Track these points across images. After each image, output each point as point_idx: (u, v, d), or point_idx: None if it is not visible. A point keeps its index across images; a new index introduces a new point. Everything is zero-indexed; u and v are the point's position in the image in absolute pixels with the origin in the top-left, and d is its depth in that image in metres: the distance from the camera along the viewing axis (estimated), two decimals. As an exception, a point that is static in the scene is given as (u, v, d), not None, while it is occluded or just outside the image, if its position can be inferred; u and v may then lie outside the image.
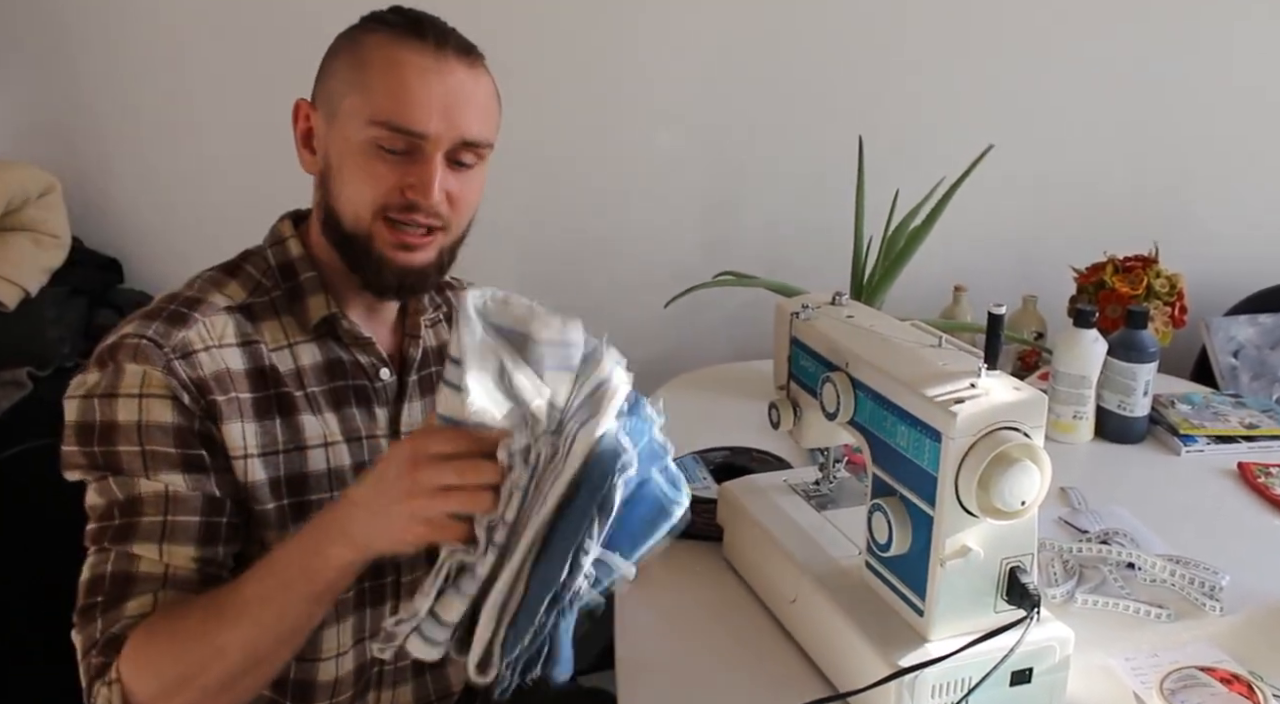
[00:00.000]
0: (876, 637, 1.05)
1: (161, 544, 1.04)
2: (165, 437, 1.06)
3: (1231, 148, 2.44)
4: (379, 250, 1.14)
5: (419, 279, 1.18)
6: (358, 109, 1.11)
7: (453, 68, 1.12)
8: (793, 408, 1.28)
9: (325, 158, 1.16)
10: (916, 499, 1.04)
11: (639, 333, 2.48)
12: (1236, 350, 2.14)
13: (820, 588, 1.14)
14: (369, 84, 1.11)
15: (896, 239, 1.99)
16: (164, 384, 1.06)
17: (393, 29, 1.13)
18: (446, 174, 1.13)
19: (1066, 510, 1.52)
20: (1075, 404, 1.75)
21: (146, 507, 1.05)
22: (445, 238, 1.17)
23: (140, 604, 1.02)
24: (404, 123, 1.09)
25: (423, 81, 1.10)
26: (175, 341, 1.08)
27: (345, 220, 1.14)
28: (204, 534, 1.06)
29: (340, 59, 1.15)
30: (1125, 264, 2.09)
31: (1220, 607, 1.26)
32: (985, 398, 0.99)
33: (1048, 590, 1.28)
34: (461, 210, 1.17)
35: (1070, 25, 2.35)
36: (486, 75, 1.17)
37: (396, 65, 1.10)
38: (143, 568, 1.04)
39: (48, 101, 2.29)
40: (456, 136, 1.12)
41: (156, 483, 1.05)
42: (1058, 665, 1.06)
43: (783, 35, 2.34)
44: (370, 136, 1.10)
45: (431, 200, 1.12)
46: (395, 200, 1.12)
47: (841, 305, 1.26)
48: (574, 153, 2.37)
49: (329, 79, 1.16)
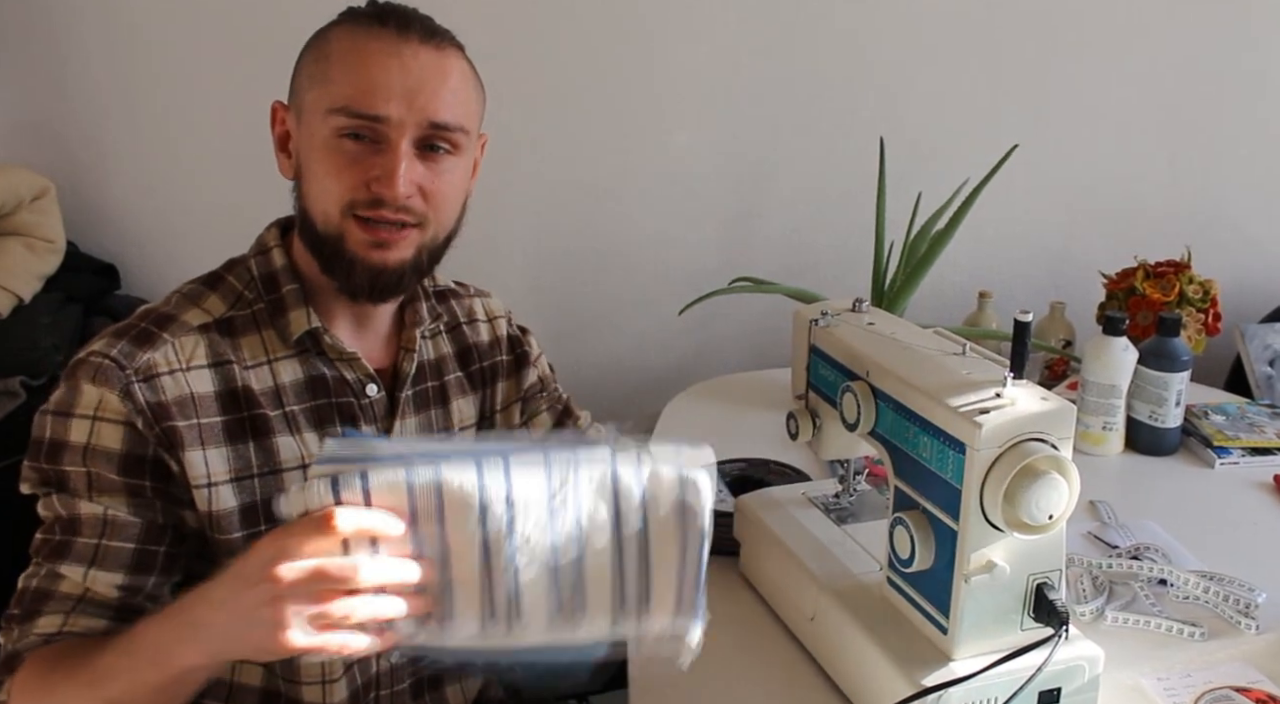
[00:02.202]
0: (899, 655, 1.05)
1: (89, 569, 1.06)
2: (110, 464, 1.07)
3: (1267, 149, 2.44)
4: (350, 250, 1.12)
5: (394, 280, 1.15)
6: (320, 101, 1.11)
7: (415, 50, 1.10)
8: (811, 418, 1.28)
9: (297, 159, 1.16)
10: (940, 513, 1.04)
11: (653, 340, 2.49)
12: (1273, 359, 2.14)
13: (840, 605, 1.14)
14: (330, 75, 1.10)
15: (919, 244, 1.99)
16: (119, 410, 1.06)
17: (356, 19, 1.13)
18: (415, 164, 1.11)
19: (1096, 525, 1.52)
20: (1105, 415, 1.75)
21: (84, 528, 1.06)
22: (423, 235, 1.15)
23: (49, 622, 1.04)
24: (361, 107, 1.08)
25: (382, 64, 1.09)
26: (139, 363, 1.08)
27: (317, 221, 1.13)
28: (136, 562, 1.07)
29: (307, 56, 1.15)
30: (1157, 269, 2.09)
31: (1256, 625, 1.26)
32: (1011, 408, 0.99)
33: (1076, 607, 1.28)
34: (438, 204, 1.14)
35: (1098, 22, 2.35)
36: (459, 59, 1.16)
37: (356, 52, 1.10)
38: (63, 588, 1.06)
39: (41, 102, 2.30)
40: (422, 120, 1.10)
41: (96, 506, 1.06)
42: (1087, 685, 1.06)
43: (801, 36, 2.34)
44: (332, 127, 1.09)
45: (396, 191, 1.09)
46: (361, 196, 1.10)
47: (862, 312, 1.27)
48: (588, 156, 2.38)
49: (298, 78, 1.16)
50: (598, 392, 2.56)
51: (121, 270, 2.37)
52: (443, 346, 1.32)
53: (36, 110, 2.32)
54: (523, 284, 2.38)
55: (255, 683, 1.18)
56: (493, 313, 1.40)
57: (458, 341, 1.34)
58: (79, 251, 2.30)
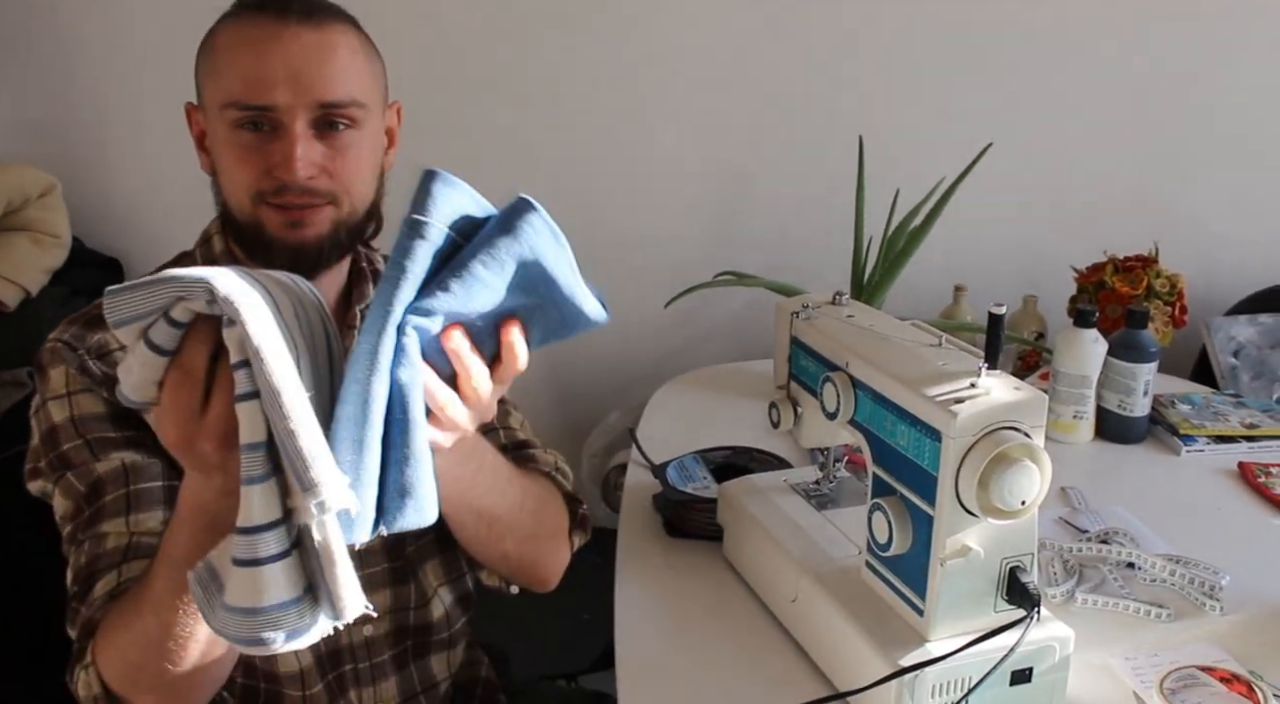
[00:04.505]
0: (877, 636, 1.05)
1: (128, 516, 1.04)
2: (102, 424, 1.07)
3: (1232, 148, 2.44)
4: (269, 233, 1.11)
5: (313, 255, 1.13)
6: (214, 97, 1.10)
7: (295, 33, 1.07)
8: (793, 407, 1.28)
9: (211, 154, 1.15)
10: (916, 499, 1.04)
11: (640, 333, 2.48)
12: (1237, 350, 2.14)
13: (820, 587, 1.14)
14: (219, 69, 1.10)
15: (897, 239, 1.99)
16: (82, 381, 1.07)
17: (238, 11, 1.11)
18: (314, 145, 1.09)
19: (1067, 510, 1.52)
20: (1075, 404, 1.75)
21: (108, 487, 1.05)
22: (338, 211, 1.13)
23: (107, 582, 1.02)
24: (250, 98, 1.07)
25: (261, 54, 1.07)
26: (90, 343, 1.09)
27: (234, 213, 1.13)
28: (168, 496, 1.06)
29: (200, 53, 1.14)
30: (1125, 264, 2.09)
31: (1220, 606, 1.26)
32: (985, 398, 0.99)
33: (1048, 590, 1.28)
34: (346, 180, 1.12)
35: (1070, 24, 2.35)
36: (344, 33, 1.12)
37: (239, 44, 1.09)
38: (109, 545, 1.04)
39: (48, 103, 2.29)
40: (311, 101, 1.08)
41: (110, 462, 1.06)
42: (1058, 665, 1.06)
43: (784, 35, 2.34)
44: (229, 121, 1.09)
45: (296, 175, 1.07)
46: (266, 183, 1.09)
47: (842, 305, 1.26)
48: (574, 153, 2.38)
49: (197, 76, 1.15)
50: (587, 381, 2.56)
51: (124, 264, 2.36)
52: None
53: (43, 111, 2.31)
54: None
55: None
56: None
57: None
58: (84, 246, 2.30)
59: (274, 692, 1.20)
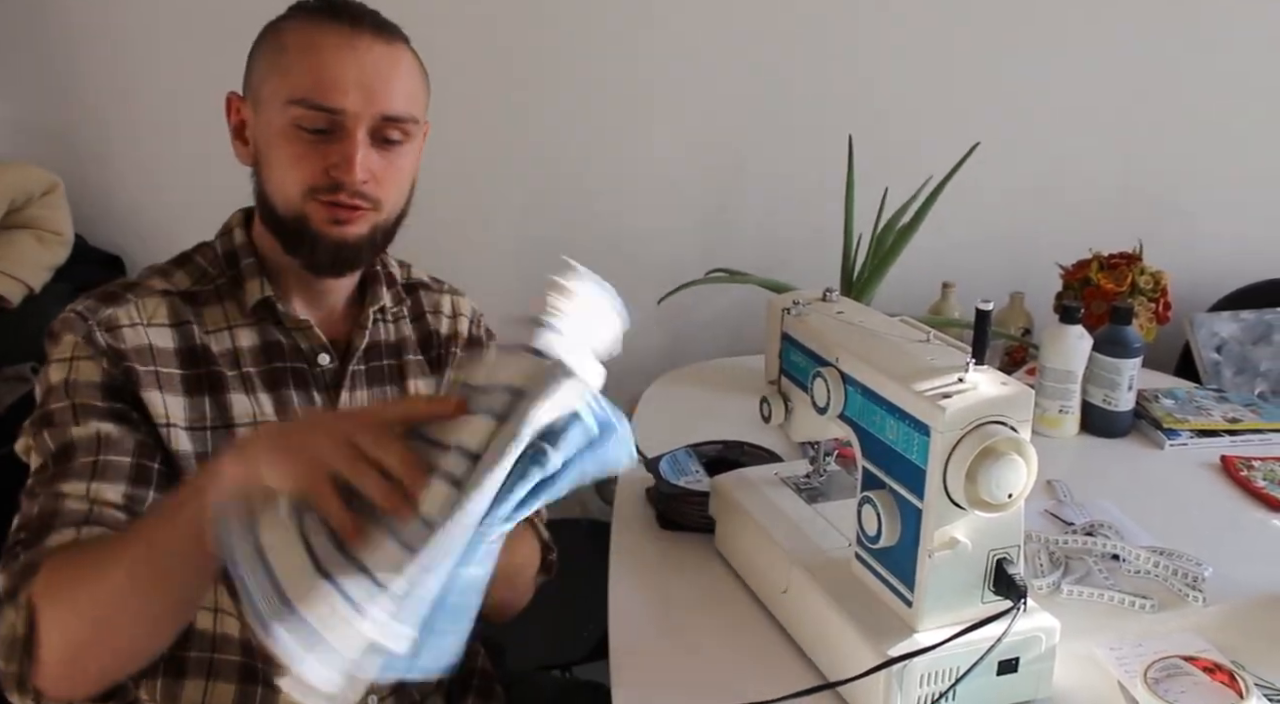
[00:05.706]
0: (866, 627, 1.05)
1: (90, 482, 1.03)
2: (93, 391, 1.07)
3: (1215, 147, 2.44)
4: (314, 228, 1.13)
5: (353, 253, 1.17)
6: (278, 92, 1.11)
7: (369, 45, 1.11)
8: (784, 402, 1.28)
9: (255, 146, 1.17)
10: (905, 492, 1.04)
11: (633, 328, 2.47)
12: (1219, 346, 2.14)
13: (811, 579, 1.14)
14: (287, 66, 1.11)
15: (886, 236, 1.99)
16: (87, 350, 1.08)
17: (309, 13, 1.13)
18: (370, 152, 1.12)
19: (1052, 503, 1.52)
20: (1061, 399, 1.75)
21: (79, 450, 1.05)
22: (378, 216, 1.16)
23: (61, 537, 0.99)
24: (321, 100, 1.09)
25: (338, 58, 1.10)
26: (102, 316, 1.10)
27: (278, 205, 1.14)
28: (136, 474, 1.06)
29: (262, 47, 1.16)
30: (1110, 261, 2.09)
31: (1203, 597, 1.26)
32: (973, 392, 0.99)
33: (1034, 581, 1.28)
34: (390, 189, 1.16)
35: (1057, 24, 2.35)
36: (407, 53, 1.17)
37: (312, 46, 1.11)
38: (68, 505, 1.02)
39: (50, 103, 2.28)
40: (376, 112, 1.11)
41: (87, 429, 1.05)
42: (1044, 655, 1.06)
43: (774, 34, 2.33)
44: (291, 117, 1.10)
45: (354, 177, 1.10)
46: (321, 181, 1.11)
47: (832, 302, 1.26)
48: (568, 151, 2.37)
49: (253, 69, 1.17)
50: (582, 377, 2.55)
51: (126, 262, 2.35)
52: (404, 330, 1.31)
53: (45, 110, 2.30)
54: (511, 276, 2.36)
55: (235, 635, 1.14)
56: (459, 310, 1.37)
57: (421, 329, 1.33)
58: (86, 244, 2.29)
59: (271, 672, 1.19)
